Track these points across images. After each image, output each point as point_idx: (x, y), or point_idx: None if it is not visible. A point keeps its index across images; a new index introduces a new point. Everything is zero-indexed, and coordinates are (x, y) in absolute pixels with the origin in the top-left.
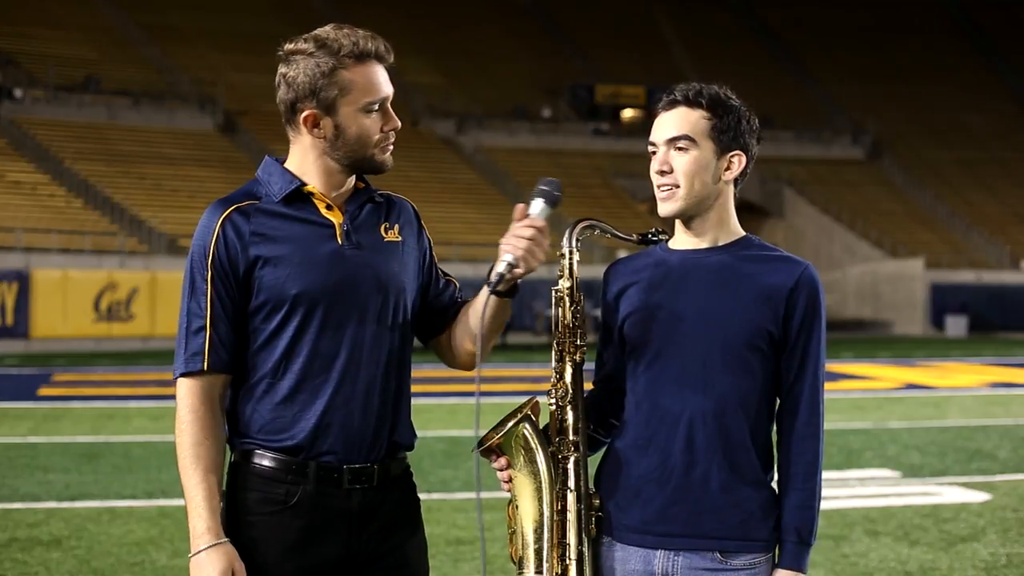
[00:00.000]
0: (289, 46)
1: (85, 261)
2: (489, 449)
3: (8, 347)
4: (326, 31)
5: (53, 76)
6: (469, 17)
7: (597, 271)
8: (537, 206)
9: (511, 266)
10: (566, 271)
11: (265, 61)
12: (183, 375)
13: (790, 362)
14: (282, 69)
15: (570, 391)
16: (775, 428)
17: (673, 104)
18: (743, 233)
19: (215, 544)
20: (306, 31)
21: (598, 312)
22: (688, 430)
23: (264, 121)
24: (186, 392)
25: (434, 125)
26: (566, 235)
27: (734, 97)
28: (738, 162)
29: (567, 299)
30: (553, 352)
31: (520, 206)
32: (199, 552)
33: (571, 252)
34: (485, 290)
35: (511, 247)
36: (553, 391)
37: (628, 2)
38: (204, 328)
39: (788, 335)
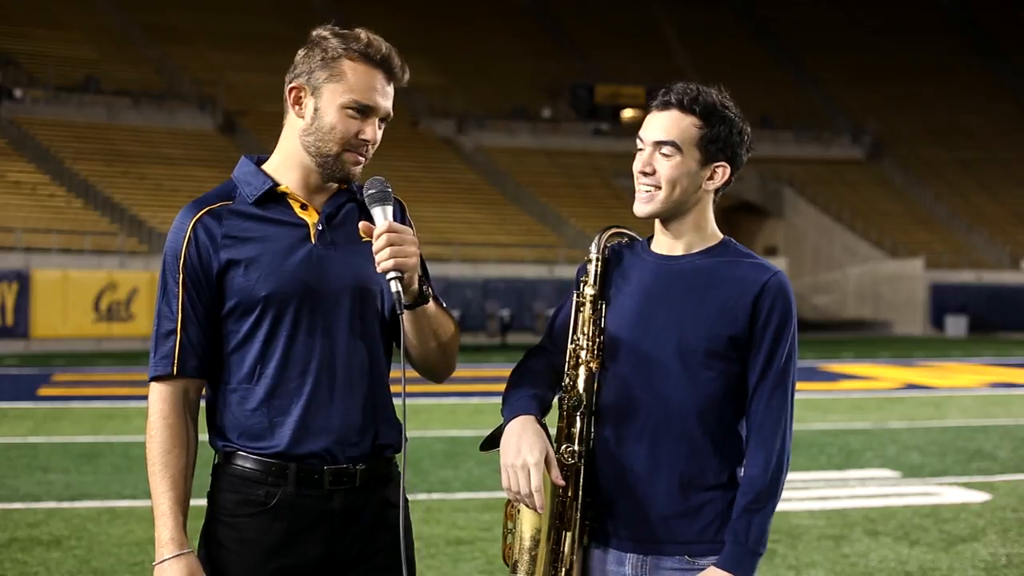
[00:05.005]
0: (314, 32)
1: (85, 261)
2: (494, 448)
3: (8, 347)
4: (355, 29)
5: (53, 76)
6: (469, 17)
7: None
8: (377, 214)
9: (398, 279)
10: (591, 278)
11: (265, 61)
12: (154, 379)
13: (753, 366)
14: (298, 53)
15: (583, 401)
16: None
17: (667, 105)
18: (720, 237)
19: (179, 555)
20: (306, 31)
21: (550, 312)
22: (652, 436)
23: (264, 121)
24: (157, 397)
25: (434, 125)
26: (594, 241)
27: (731, 106)
28: (722, 173)
29: (589, 306)
30: (568, 358)
31: (363, 224)
32: (163, 561)
33: (598, 259)
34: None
35: (381, 265)
36: (566, 398)
37: (628, 2)
38: (175, 332)
39: (752, 341)
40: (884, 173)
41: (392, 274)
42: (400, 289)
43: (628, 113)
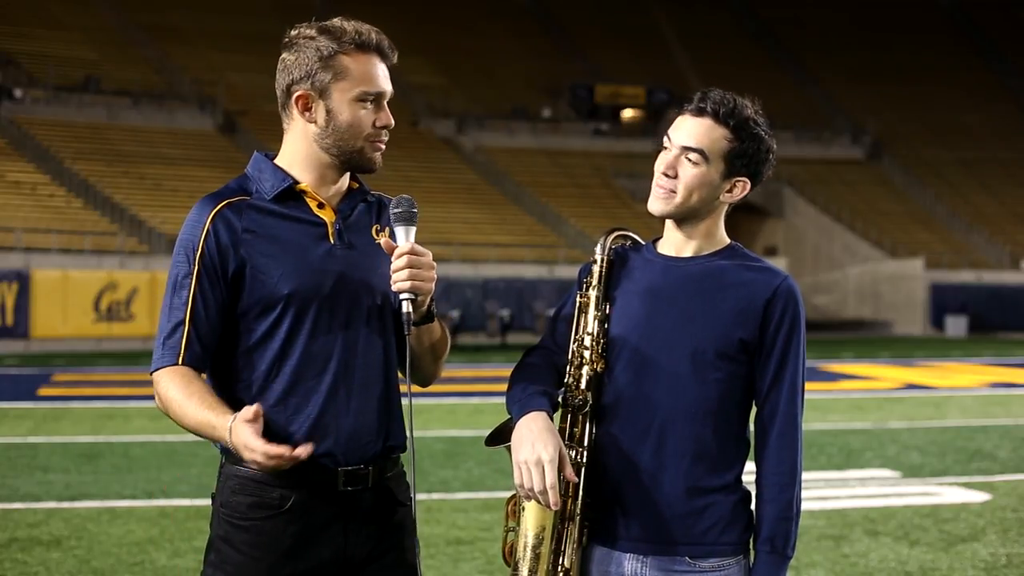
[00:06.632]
0: (294, 32)
1: (85, 261)
2: (501, 444)
3: (8, 347)
4: (332, 21)
5: (53, 76)
6: (469, 17)
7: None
8: (400, 233)
9: (411, 301)
10: (595, 279)
11: (265, 61)
12: (158, 370)
13: (764, 371)
14: (284, 54)
15: (588, 401)
16: (752, 435)
17: (702, 112)
18: (728, 242)
19: (233, 420)
20: None
21: (550, 312)
22: (659, 436)
23: (264, 121)
24: (164, 385)
25: (434, 125)
26: (599, 244)
27: (763, 122)
28: (741, 188)
29: (593, 307)
30: (571, 358)
31: (385, 241)
32: (229, 434)
33: (602, 261)
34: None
35: (397, 285)
36: (570, 398)
37: (628, 2)
38: (183, 323)
39: (763, 344)
40: (884, 173)
41: (406, 295)
42: (410, 310)
43: (628, 113)
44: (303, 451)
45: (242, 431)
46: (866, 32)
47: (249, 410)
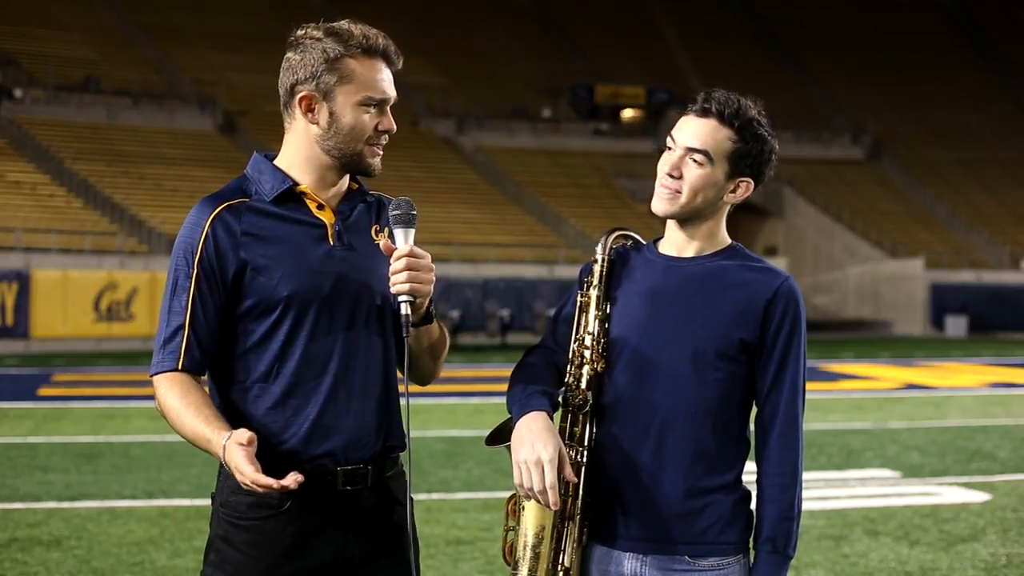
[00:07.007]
0: (300, 32)
1: (85, 261)
2: (501, 443)
3: (8, 347)
4: (339, 23)
5: (53, 76)
6: (469, 17)
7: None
8: (399, 235)
9: (410, 303)
10: (595, 279)
11: (265, 61)
12: (157, 374)
13: (765, 371)
14: (288, 53)
15: (589, 400)
16: (753, 436)
17: (706, 113)
18: (729, 242)
19: (227, 439)
20: None
21: (551, 312)
22: (659, 436)
23: (264, 121)
24: (164, 391)
25: (434, 125)
26: (600, 243)
27: (766, 123)
28: (745, 188)
29: (594, 306)
30: (572, 357)
31: (384, 243)
32: (223, 452)
33: (603, 261)
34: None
35: (396, 286)
36: (570, 397)
37: (628, 2)
38: (182, 327)
39: (764, 345)
40: (884, 173)
41: (405, 297)
42: (409, 312)
43: (628, 113)
44: (291, 481)
45: (235, 453)
46: (866, 32)
47: (244, 435)
